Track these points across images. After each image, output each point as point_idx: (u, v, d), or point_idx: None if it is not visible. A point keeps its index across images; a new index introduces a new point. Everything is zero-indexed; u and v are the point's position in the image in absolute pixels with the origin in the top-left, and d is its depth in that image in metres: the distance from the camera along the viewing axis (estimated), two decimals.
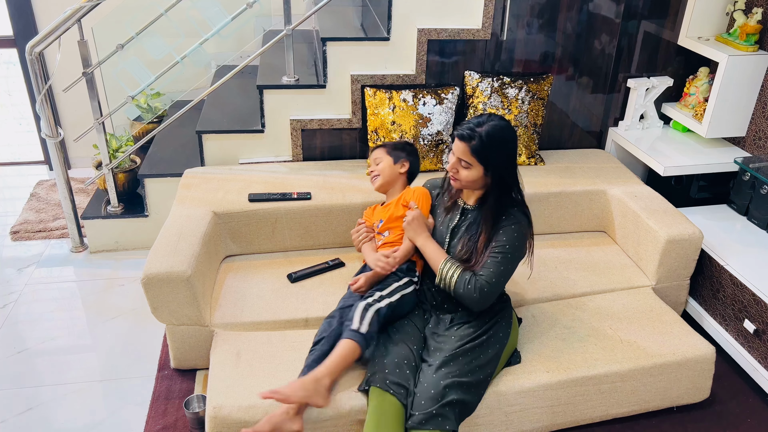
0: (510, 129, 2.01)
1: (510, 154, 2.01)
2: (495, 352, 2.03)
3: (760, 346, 2.39)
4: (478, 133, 1.95)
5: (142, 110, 3.56)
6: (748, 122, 2.93)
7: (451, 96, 2.87)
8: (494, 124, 1.97)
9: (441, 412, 1.83)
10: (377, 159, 2.45)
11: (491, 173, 1.99)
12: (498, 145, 1.96)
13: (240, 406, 1.93)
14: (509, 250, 1.99)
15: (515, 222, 2.01)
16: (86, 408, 2.30)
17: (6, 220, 3.45)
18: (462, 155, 1.98)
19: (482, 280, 1.98)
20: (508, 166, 2.01)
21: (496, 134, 1.96)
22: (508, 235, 1.99)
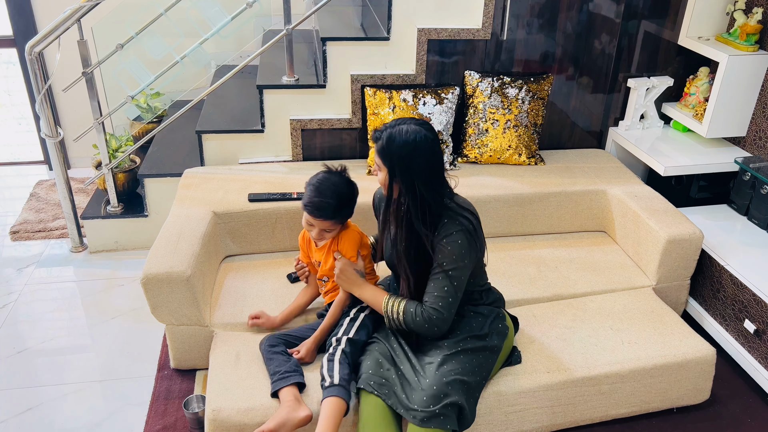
0: (420, 134, 1.84)
1: (419, 162, 1.84)
2: (492, 355, 2.02)
3: (761, 346, 2.39)
4: (384, 134, 1.87)
5: (142, 110, 3.56)
6: (749, 122, 2.93)
7: (451, 96, 2.87)
8: (403, 128, 1.85)
9: (444, 411, 1.83)
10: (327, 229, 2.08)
11: (399, 178, 1.85)
12: (399, 150, 1.83)
13: (239, 408, 1.92)
14: (447, 268, 1.87)
15: (446, 234, 1.87)
16: (86, 408, 2.30)
17: (6, 220, 3.45)
18: (375, 156, 1.91)
19: (428, 307, 1.89)
20: (416, 174, 1.84)
21: (400, 137, 1.83)
22: (442, 253, 1.87)
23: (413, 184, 1.86)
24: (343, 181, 2.07)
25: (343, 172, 2.10)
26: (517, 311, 2.36)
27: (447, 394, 1.85)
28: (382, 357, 1.98)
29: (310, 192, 2.04)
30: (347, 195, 2.06)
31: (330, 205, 2.02)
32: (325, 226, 2.06)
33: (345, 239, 2.11)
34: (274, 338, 2.11)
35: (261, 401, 1.95)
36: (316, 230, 2.07)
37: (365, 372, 1.95)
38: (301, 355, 2.06)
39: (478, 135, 2.95)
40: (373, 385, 1.91)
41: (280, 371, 1.97)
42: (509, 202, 2.77)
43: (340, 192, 2.04)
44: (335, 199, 2.02)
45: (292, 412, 1.86)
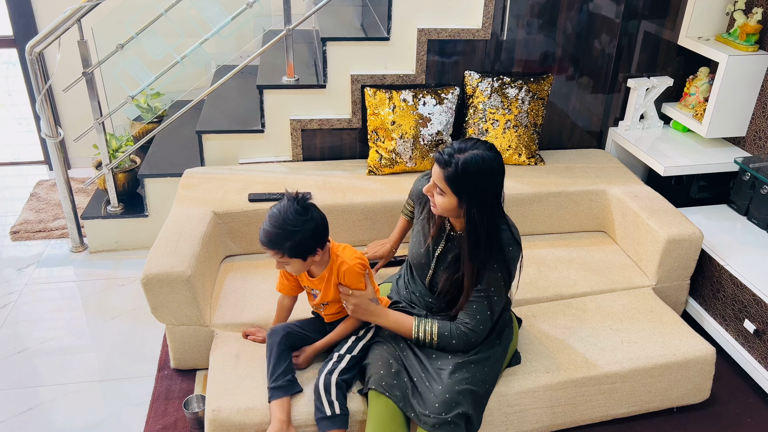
0: (494, 160, 1.80)
1: (489, 188, 1.81)
2: (500, 363, 2.03)
3: (760, 346, 2.39)
4: (455, 160, 1.78)
5: (142, 110, 3.56)
6: (748, 122, 2.93)
7: (451, 96, 2.87)
8: (475, 154, 1.78)
9: (454, 420, 1.83)
10: (280, 260, 1.93)
11: (466, 205, 1.81)
12: (475, 177, 1.78)
13: (239, 408, 1.93)
14: (494, 293, 1.89)
15: (498, 261, 1.87)
16: (86, 408, 2.30)
17: (6, 220, 3.45)
18: (437, 180, 1.82)
19: (467, 329, 1.90)
20: (486, 200, 1.81)
21: (475, 165, 1.77)
22: (491, 278, 1.87)
23: (481, 204, 1.81)
24: (295, 211, 1.87)
25: (301, 198, 1.91)
26: (517, 311, 2.36)
27: (459, 403, 1.85)
28: (392, 358, 1.96)
29: (267, 219, 1.90)
30: (296, 225, 1.86)
31: (273, 235, 1.86)
32: (277, 257, 1.90)
33: (348, 274, 1.96)
34: (282, 335, 2.04)
35: (261, 401, 1.95)
36: (276, 262, 1.94)
37: (375, 373, 1.93)
38: (298, 362, 2.05)
39: (478, 135, 2.95)
40: (385, 386, 1.89)
41: (278, 382, 1.95)
42: (509, 202, 2.77)
43: (289, 221, 1.86)
44: (280, 228, 1.86)
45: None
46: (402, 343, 2.02)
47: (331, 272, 1.99)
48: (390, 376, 1.92)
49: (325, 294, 2.02)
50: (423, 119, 2.82)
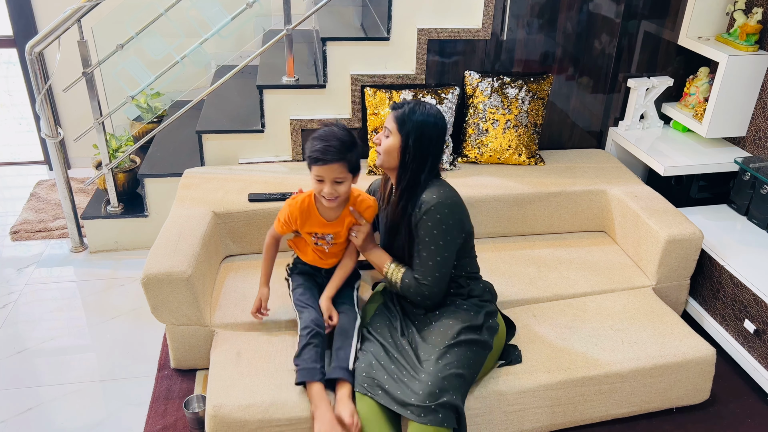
0: (437, 115, 2.01)
1: (429, 139, 1.99)
2: (484, 351, 2.03)
3: (761, 346, 2.39)
4: (406, 104, 2.01)
5: (142, 110, 3.56)
6: (748, 122, 2.93)
7: (451, 96, 2.87)
8: (426, 106, 2.01)
9: (439, 409, 1.83)
10: (337, 178, 2.05)
11: (405, 147, 1.98)
12: (420, 120, 1.97)
13: (240, 405, 1.93)
14: (429, 243, 1.97)
15: (426, 211, 1.96)
16: (86, 408, 2.30)
17: (6, 220, 3.45)
18: (387, 122, 2.02)
19: (418, 282, 2.01)
20: (422, 150, 1.99)
21: (420, 110, 1.99)
22: (425, 229, 1.97)
23: (420, 158, 1.99)
24: (341, 128, 2.07)
25: (338, 123, 2.13)
26: (517, 311, 2.36)
27: (444, 390, 1.86)
28: (375, 358, 1.99)
29: (311, 144, 2.03)
30: (349, 138, 2.05)
31: (335, 147, 2.00)
32: (335, 174, 2.01)
33: (370, 210, 2.19)
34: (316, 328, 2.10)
35: (262, 398, 1.95)
36: (327, 185, 2.03)
37: (359, 375, 1.97)
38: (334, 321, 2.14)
39: (478, 135, 2.95)
40: (367, 387, 1.92)
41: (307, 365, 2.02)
42: (509, 202, 2.77)
43: (340, 136, 2.03)
44: (338, 141, 2.01)
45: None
46: (389, 339, 2.04)
47: (345, 216, 2.17)
48: (372, 376, 1.94)
49: (339, 234, 2.18)
50: None
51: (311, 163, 2.03)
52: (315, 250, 2.24)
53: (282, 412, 1.93)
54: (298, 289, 2.24)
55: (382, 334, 2.07)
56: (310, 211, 2.17)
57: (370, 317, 2.18)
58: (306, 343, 2.05)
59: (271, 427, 1.93)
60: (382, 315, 2.15)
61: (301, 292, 2.22)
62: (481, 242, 2.79)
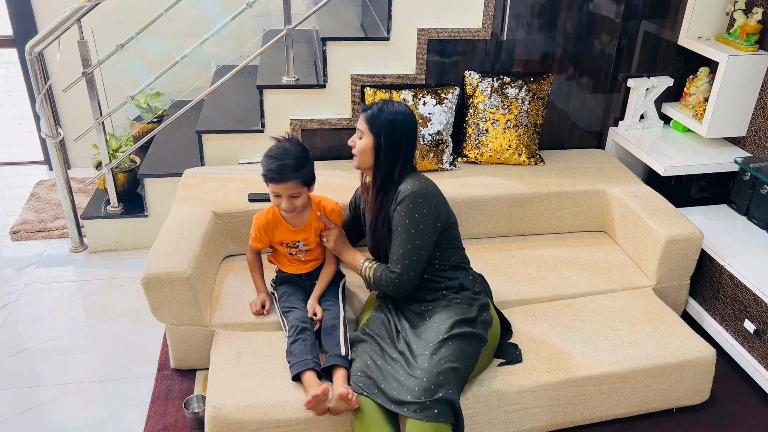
0: (405, 111, 2.08)
1: (400, 135, 2.06)
2: (478, 344, 2.03)
3: (761, 346, 2.39)
4: (375, 105, 2.08)
5: (142, 110, 3.56)
6: (748, 122, 2.93)
7: (451, 96, 2.87)
8: (393, 104, 2.09)
9: (435, 405, 1.83)
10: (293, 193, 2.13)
11: (378, 146, 2.05)
12: (389, 118, 2.04)
13: (239, 406, 1.93)
14: (401, 232, 2.03)
15: (400, 201, 2.03)
16: (86, 408, 2.30)
17: (6, 220, 3.45)
18: (359, 124, 2.09)
19: (391, 270, 2.06)
20: (394, 146, 2.05)
21: (388, 109, 2.06)
22: (397, 218, 2.04)
23: (393, 154, 2.05)
24: (294, 143, 2.15)
25: (290, 137, 2.19)
26: (517, 311, 2.36)
27: (439, 385, 1.85)
28: (370, 358, 1.99)
29: (265, 162, 2.11)
30: (302, 153, 2.14)
31: (289, 166, 2.09)
32: (291, 190, 2.12)
33: (334, 213, 2.29)
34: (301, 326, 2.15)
35: (261, 399, 1.95)
36: (284, 200, 2.13)
37: (354, 374, 1.97)
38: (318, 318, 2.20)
39: (478, 135, 2.95)
40: (362, 386, 1.93)
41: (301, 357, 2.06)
42: (509, 202, 2.77)
43: (294, 153, 2.12)
44: (292, 160, 2.10)
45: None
46: (387, 339, 2.05)
47: (312, 221, 2.25)
48: (367, 375, 1.94)
49: (312, 240, 2.27)
50: (423, 119, 2.82)
51: (267, 181, 2.13)
52: (291, 261, 2.33)
53: (282, 413, 1.93)
54: (282, 297, 2.31)
55: (379, 334, 2.07)
56: (276, 221, 2.26)
57: (366, 319, 2.18)
58: (293, 340, 2.10)
59: (270, 427, 1.93)
60: (377, 316, 2.16)
61: (285, 298, 2.29)
62: (481, 242, 2.79)
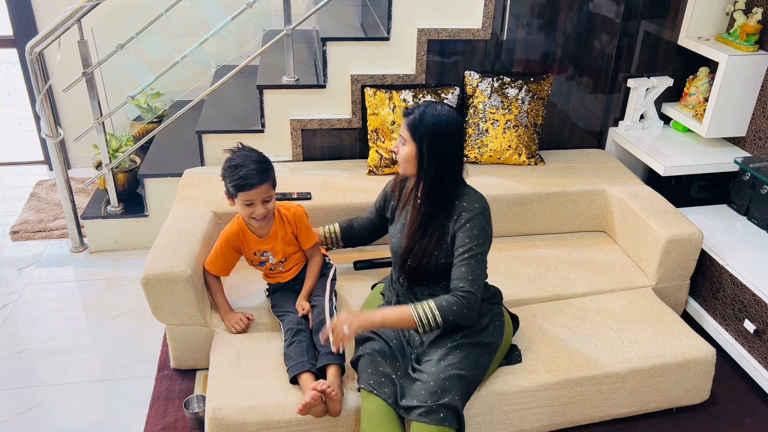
0: (450, 115, 1.94)
1: (445, 142, 1.94)
2: (490, 352, 2.02)
3: (760, 346, 2.39)
4: (416, 109, 1.96)
5: (142, 110, 3.56)
6: (748, 122, 2.93)
7: (451, 96, 2.87)
8: (437, 107, 1.95)
9: (440, 410, 1.83)
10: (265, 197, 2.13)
11: (419, 152, 1.93)
12: (431, 125, 1.91)
13: (239, 407, 1.93)
14: (475, 252, 1.93)
15: (467, 219, 1.94)
16: (86, 408, 2.30)
17: (6, 220, 3.45)
18: (401, 130, 1.98)
19: (463, 292, 1.90)
20: (439, 154, 1.93)
21: (431, 114, 1.93)
22: (469, 238, 1.93)
23: (437, 161, 1.93)
24: (250, 150, 2.14)
25: (244, 146, 2.17)
26: (517, 311, 2.36)
27: (445, 390, 1.85)
28: (380, 356, 1.97)
29: (231, 173, 2.08)
30: (263, 158, 2.14)
31: (256, 170, 2.07)
32: (263, 194, 2.10)
33: (297, 217, 2.26)
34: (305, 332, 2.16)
35: (261, 400, 1.95)
36: (258, 207, 2.11)
37: (364, 371, 1.95)
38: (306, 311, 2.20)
39: (478, 135, 2.95)
40: (373, 384, 1.90)
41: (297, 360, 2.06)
42: (509, 202, 2.77)
43: (256, 158, 2.11)
44: (256, 164, 2.09)
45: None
46: (395, 339, 2.03)
47: (281, 224, 2.24)
48: (378, 374, 1.92)
49: (280, 250, 2.25)
50: None
51: (238, 190, 2.09)
52: (271, 274, 2.34)
53: (281, 414, 1.93)
54: (275, 305, 2.32)
55: (386, 332, 2.05)
56: (242, 232, 2.25)
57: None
58: (289, 342, 2.10)
59: (270, 428, 1.93)
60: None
61: (278, 304, 2.30)
62: None
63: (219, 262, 2.28)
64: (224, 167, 2.12)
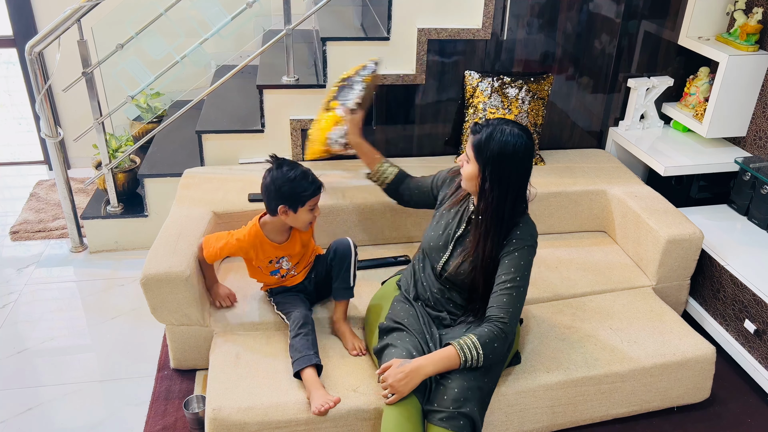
0: (519, 138, 1.84)
1: (511, 166, 1.86)
2: (501, 365, 2.01)
3: (761, 346, 2.39)
4: (485, 129, 1.86)
5: (142, 110, 3.56)
6: (749, 122, 2.93)
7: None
8: (504, 128, 1.85)
9: (461, 418, 1.82)
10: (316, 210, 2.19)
11: (483, 175, 1.87)
12: (498, 148, 1.83)
13: (239, 407, 1.93)
14: (520, 283, 1.90)
15: (519, 247, 1.91)
16: (86, 408, 2.30)
17: (6, 220, 3.45)
18: (467, 147, 1.91)
19: (502, 324, 1.86)
20: (504, 178, 1.86)
21: (499, 136, 1.84)
22: (515, 266, 1.89)
23: (500, 188, 1.87)
24: (286, 161, 2.15)
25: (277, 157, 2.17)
26: None
27: (467, 399, 1.84)
28: (415, 351, 1.93)
29: (298, 184, 2.08)
30: (297, 162, 2.18)
31: (313, 173, 2.14)
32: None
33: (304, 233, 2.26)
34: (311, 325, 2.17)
35: (261, 400, 1.95)
36: (317, 208, 2.16)
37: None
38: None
39: None
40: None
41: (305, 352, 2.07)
42: None
43: (297, 164, 2.15)
44: (305, 168, 2.14)
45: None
46: (419, 332, 2.00)
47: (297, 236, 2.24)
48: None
49: (297, 253, 2.26)
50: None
51: (310, 197, 2.09)
52: (281, 281, 2.30)
53: (281, 414, 1.93)
54: (279, 303, 2.28)
55: (412, 325, 2.01)
56: (260, 239, 2.20)
57: (390, 309, 2.11)
58: (295, 333, 2.10)
59: (270, 429, 1.93)
60: (401, 307, 2.09)
61: (284, 302, 2.27)
62: None
63: (217, 253, 2.23)
64: (279, 184, 2.07)
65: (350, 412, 1.95)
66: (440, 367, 1.86)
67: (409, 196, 2.32)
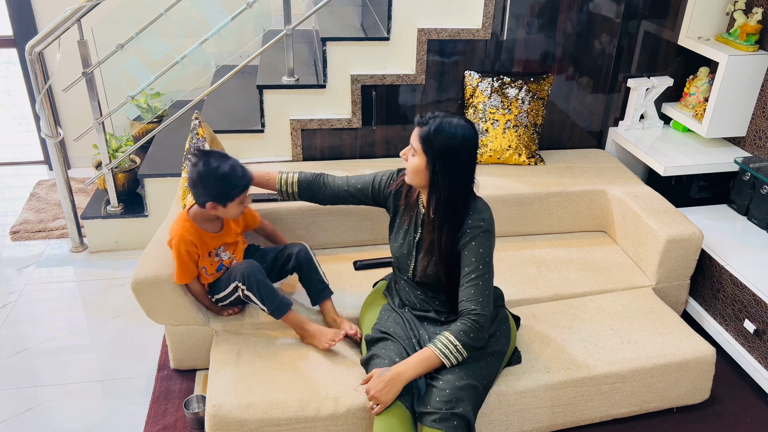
0: (466, 129, 1.86)
1: (458, 157, 1.86)
2: (498, 359, 2.02)
3: (760, 346, 2.39)
4: (432, 121, 1.86)
5: (142, 110, 3.56)
6: (748, 122, 2.93)
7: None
8: (450, 120, 1.85)
9: (454, 418, 1.82)
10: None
11: (432, 167, 1.86)
12: (445, 139, 1.83)
13: (240, 404, 1.93)
14: (484, 270, 1.90)
15: (474, 236, 1.90)
16: (86, 408, 2.30)
17: (6, 220, 3.45)
18: (413, 139, 1.89)
19: (475, 315, 1.87)
20: (452, 170, 1.86)
21: (447, 127, 1.84)
22: (475, 255, 1.89)
23: (450, 179, 1.87)
24: (214, 154, 2.13)
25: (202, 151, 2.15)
26: (517, 311, 2.36)
27: (460, 399, 1.84)
28: (398, 358, 1.95)
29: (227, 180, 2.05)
30: (223, 153, 2.18)
31: (241, 165, 2.13)
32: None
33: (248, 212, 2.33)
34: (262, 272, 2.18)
35: (262, 397, 1.95)
36: (247, 200, 2.16)
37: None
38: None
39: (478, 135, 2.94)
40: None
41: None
42: (509, 202, 2.77)
43: (224, 156, 2.12)
44: (233, 160, 2.12)
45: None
46: (405, 339, 2.01)
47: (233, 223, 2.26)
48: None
49: (232, 241, 2.25)
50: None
51: (241, 191, 2.09)
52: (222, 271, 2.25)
53: (282, 412, 1.93)
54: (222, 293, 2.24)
55: (396, 333, 2.03)
56: (198, 233, 2.15)
57: (377, 319, 2.13)
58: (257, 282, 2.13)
59: (270, 426, 1.93)
60: (388, 315, 2.11)
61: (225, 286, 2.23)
62: None
63: (189, 268, 2.17)
64: (207, 182, 2.03)
65: (350, 411, 1.95)
66: (420, 370, 1.87)
67: (332, 196, 2.24)
